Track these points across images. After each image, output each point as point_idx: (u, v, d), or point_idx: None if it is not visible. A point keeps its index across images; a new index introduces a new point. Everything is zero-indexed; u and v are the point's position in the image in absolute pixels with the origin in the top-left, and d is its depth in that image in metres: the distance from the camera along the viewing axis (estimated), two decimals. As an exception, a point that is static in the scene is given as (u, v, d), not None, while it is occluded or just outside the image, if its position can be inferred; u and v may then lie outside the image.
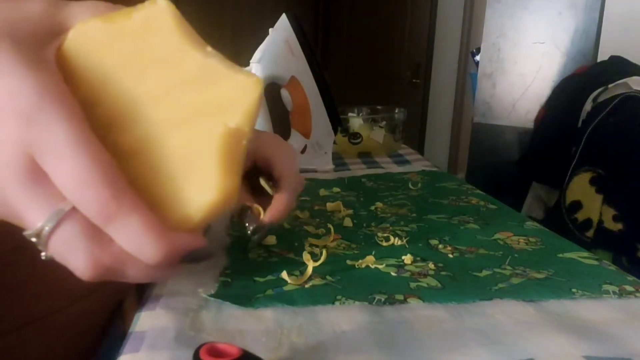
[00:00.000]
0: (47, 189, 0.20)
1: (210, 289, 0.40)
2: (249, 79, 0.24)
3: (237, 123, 0.23)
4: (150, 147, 0.23)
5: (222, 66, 0.24)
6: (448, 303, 0.38)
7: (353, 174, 0.85)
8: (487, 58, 1.97)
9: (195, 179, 0.23)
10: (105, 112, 0.23)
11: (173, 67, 0.23)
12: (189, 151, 0.23)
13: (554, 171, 1.48)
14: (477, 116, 2.04)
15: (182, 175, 0.23)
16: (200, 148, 0.23)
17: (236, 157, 0.23)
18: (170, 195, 0.23)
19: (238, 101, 0.23)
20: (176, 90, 0.23)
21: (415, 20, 3.07)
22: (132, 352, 0.32)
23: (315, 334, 0.34)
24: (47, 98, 0.20)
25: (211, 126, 0.23)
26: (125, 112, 0.23)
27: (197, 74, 0.23)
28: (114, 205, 0.20)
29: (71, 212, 0.20)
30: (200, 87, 0.23)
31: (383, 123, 1.05)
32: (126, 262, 0.22)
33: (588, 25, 1.72)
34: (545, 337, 0.33)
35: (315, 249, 0.48)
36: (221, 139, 0.23)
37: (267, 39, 0.82)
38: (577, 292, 0.40)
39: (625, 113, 1.23)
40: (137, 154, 0.23)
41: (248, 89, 0.23)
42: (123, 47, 0.24)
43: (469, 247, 0.50)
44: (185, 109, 0.23)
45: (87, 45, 0.24)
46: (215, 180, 0.22)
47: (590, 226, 1.21)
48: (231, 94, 0.23)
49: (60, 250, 0.21)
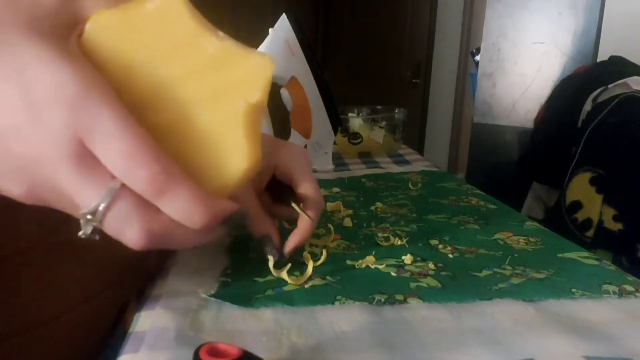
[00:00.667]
0: (97, 171, 0.22)
1: (210, 289, 0.40)
2: (262, 58, 0.26)
3: (257, 99, 0.26)
4: (181, 127, 0.25)
5: (237, 48, 0.26)
6: (448, 303, 0.38)
7: (353, 174, 0.85)
8: (487, 58, 1.97)
9: (227, 151, 0.25)
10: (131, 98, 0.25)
11: (193, 52, 0.26)
12: (218, 127, 0.25)
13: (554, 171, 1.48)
14: (477, 116, 2.04)
15: (214, 148, 0.25)
16: (228, 123, 0.25)
17: (258, 128, 0.26)
18: (204, 168, 0.25)
19: (255, 79, 0.26)
20: (198, 73, 0.25)
21: (415, 20, 3.07)
22: (132, 352, 0.32)
23: (315, 334, 0.34)
24: (90, 86, 0.21)
25: (235, 103, 0.25)
26: (153, 97, 0.25)
27: (215, 56, 0.26)
28: (163, 180, 0.22)
29: (122, 189, 0.22)
30: (220, 69, 0.26)
31: (383, 123, 1.05)
32: (174, 230, 0.24)
33: (588, 25, 1.72)
34: (545, 337, 0.33)
35: (315, 249, 0.48)
36: (245, 114, 0.25)
37: (267, 39, 0.82)
38: (577, 292, 0.40)
39: (625, 113, 1.23)
40: (169, 134, 0.25)
41: (263, 68, 0.26)
42: (141, 36, 0.26)
43: (469, 247, 0.50)
44: (209, 89, 0.25)
45: (106, 36, 0.25)
46: (245, 151, 0.25)
47: (590, 226, 1.21)
48: (249, 73, 0.26)
49: (114, 225, 0.22)
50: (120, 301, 0.44)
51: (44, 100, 0.21)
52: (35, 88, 0.21)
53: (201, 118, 0.25)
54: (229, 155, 0.26)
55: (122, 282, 0.43)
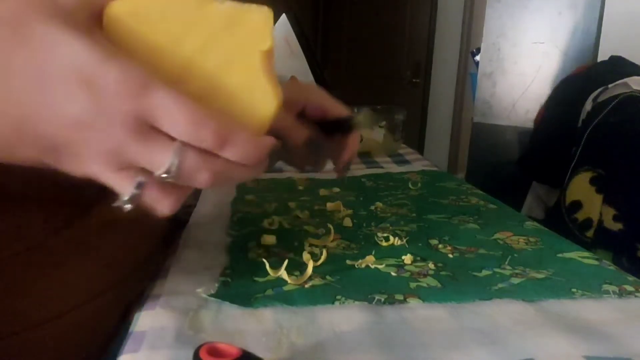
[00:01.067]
0: (160, 139, 0.26)
1: (210, 289, 0.40)
2: (261, 10, 0.29)
3: (268, 46, 0.29)
4: (212, 90, 0.29)
5: (238, 7, 0.29)
6: (448, 303, 0.38)
7: (353, 174, 0.85)
8: (487, 58, 1.97)
9: (256, 99, 0.30)
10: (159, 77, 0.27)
11: (203, 23, 0.29)
12: (243, 81, 0.29)
13: (554, 171, 1.48)
14: (477, 116, 2.04)
15: (244, 99, 0.29)
16: (251, 75, 0.29)
17: (274, 70, 0.30)
18: (240, 117, 0.29)
19: (262, 29, 0.29)
20: (214, 40, 0.29)
21: (415, 20, 3.06)
22: (132, 352, 0.32)
23: (315, 334, 0.34)
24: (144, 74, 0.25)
25: (252, 56, 0.29)
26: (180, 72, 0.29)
27: (223, 21, 0.29)
28: (222, 133, 0.26)
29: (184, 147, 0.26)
30: (230, 30, 0.29)
31: (383, 123, 1.05)
32: (233, 169, 0.28)
33: (588, 25, 1.72)
34: (545, 337, 0.33)
35: (315, 249, 0.48)
36: (262, 62, 0.29)
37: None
38: (577, 292, 0.40)
39: (625, 113, 1.23)
40: (202, 98, 0.28)
41: (264, 17, 0.29)
42: (155, 18, 0.28)
43: (469, 247, 0.50)
44: (226, 51, 0.29)
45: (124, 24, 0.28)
46: (271, 93, 0.30)
47: (590, 226, 1.21)
48: (254, 26, 0.29)
49: (187, 175, 0.27)
50: (125, 301, 0.44)
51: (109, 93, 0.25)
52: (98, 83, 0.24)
53: (227, 79, 0.29)
54: (259, 101, 0.30)
55: (128, 281, 0.43)
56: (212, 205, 0.65)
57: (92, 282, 0.40)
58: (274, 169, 0.90)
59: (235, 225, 0.56)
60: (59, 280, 0.38)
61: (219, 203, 0.66)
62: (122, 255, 0.43)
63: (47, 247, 0.37)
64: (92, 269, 0.40)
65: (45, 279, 0.37)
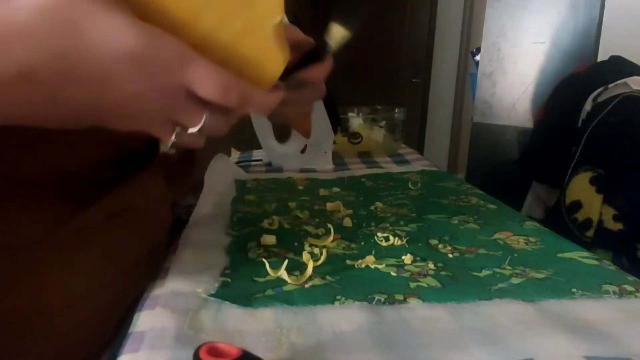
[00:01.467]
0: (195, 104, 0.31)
1: (210, 289, 0.40)
2: None
3: (279, 18, 0.32)
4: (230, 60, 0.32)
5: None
6: (448, 303, 0.38)
7: (353, 174, 0.85)
8: (487, 58, 1.97)
9: (269, 62, 0.34)
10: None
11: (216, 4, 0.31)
12: (257, 49, 0.33)
13: (553, 171, 1.47)
14: (477, 116, 2.04)
15: (259, 64, 0.33)
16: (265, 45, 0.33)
17: (283, 36, 0.34)
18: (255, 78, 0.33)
19: (272, 4, 0.32)
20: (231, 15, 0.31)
21: (415, 20, 3.06)
22: (132, 352, 0.32)
23: (315, 334, 0.34)
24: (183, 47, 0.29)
25: (265, 29, 0.32)
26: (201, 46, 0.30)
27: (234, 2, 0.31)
28: (245, 94, 0.31)
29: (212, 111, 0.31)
30: (246, 6, 0.31)
31: (383, 123, 1.05)
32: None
33: (588, 25, 1.72)
34: (545, 337, 0.33)
35: (315, 249, 0.48)
36: (275, 32, 0.32)
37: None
38: (577, 292, 0.40)
39: (625, 113, 1.23)
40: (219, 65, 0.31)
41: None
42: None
43: (469, 247, 0.50)
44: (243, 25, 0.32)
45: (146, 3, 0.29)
46: (281, 56, 0.34)
47: (590, 226, 1.21)
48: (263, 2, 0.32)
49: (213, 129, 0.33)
50: (125, 300, 0.44)
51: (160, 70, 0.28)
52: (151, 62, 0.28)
53: (241, 48, 0.32)
54: (271, 64, 0.34)
55: (127, 279, 0.43)
56: (212, 205, 0.65)
57: (92, 278, 0.40)
58: (274, 169, 0.90)
59: (235, 225, 0.56)
60: (68, 270, 0.38)
61: (219, 203, 0.66)
62: (122, 251, 0.43)
63: (48, 242, 0.37)
64: (92, 264, 0.40)
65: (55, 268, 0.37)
